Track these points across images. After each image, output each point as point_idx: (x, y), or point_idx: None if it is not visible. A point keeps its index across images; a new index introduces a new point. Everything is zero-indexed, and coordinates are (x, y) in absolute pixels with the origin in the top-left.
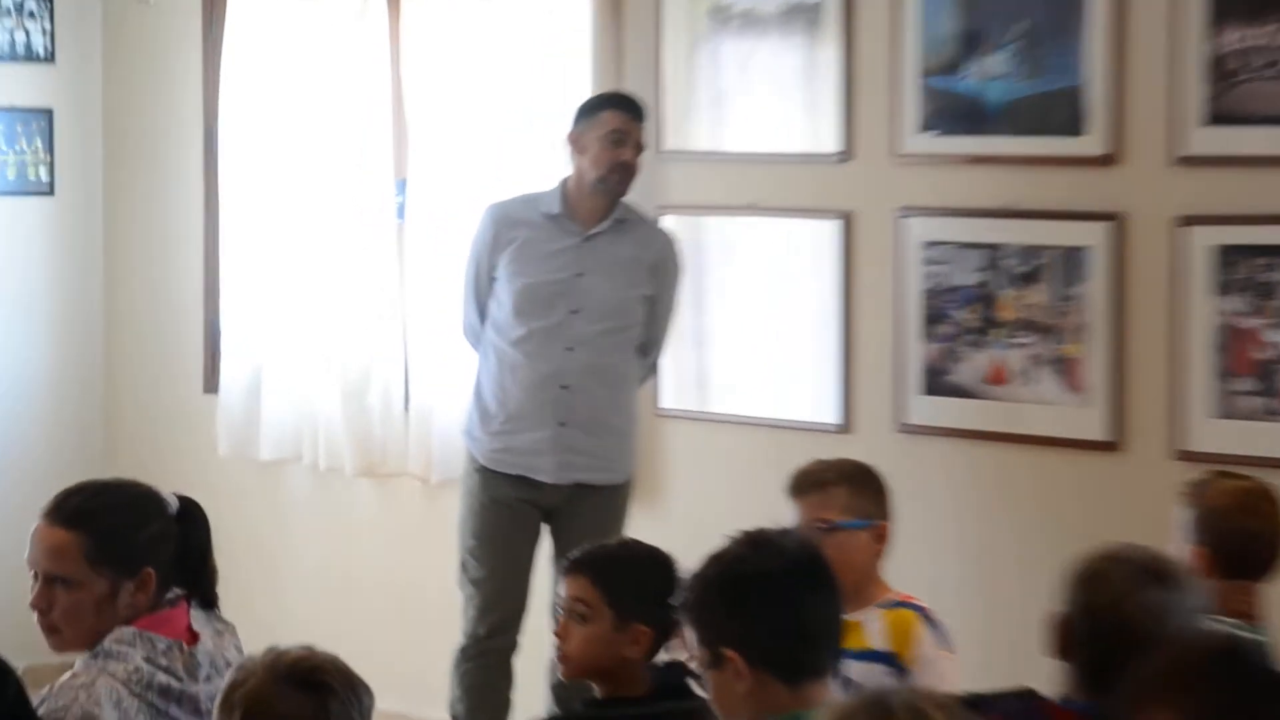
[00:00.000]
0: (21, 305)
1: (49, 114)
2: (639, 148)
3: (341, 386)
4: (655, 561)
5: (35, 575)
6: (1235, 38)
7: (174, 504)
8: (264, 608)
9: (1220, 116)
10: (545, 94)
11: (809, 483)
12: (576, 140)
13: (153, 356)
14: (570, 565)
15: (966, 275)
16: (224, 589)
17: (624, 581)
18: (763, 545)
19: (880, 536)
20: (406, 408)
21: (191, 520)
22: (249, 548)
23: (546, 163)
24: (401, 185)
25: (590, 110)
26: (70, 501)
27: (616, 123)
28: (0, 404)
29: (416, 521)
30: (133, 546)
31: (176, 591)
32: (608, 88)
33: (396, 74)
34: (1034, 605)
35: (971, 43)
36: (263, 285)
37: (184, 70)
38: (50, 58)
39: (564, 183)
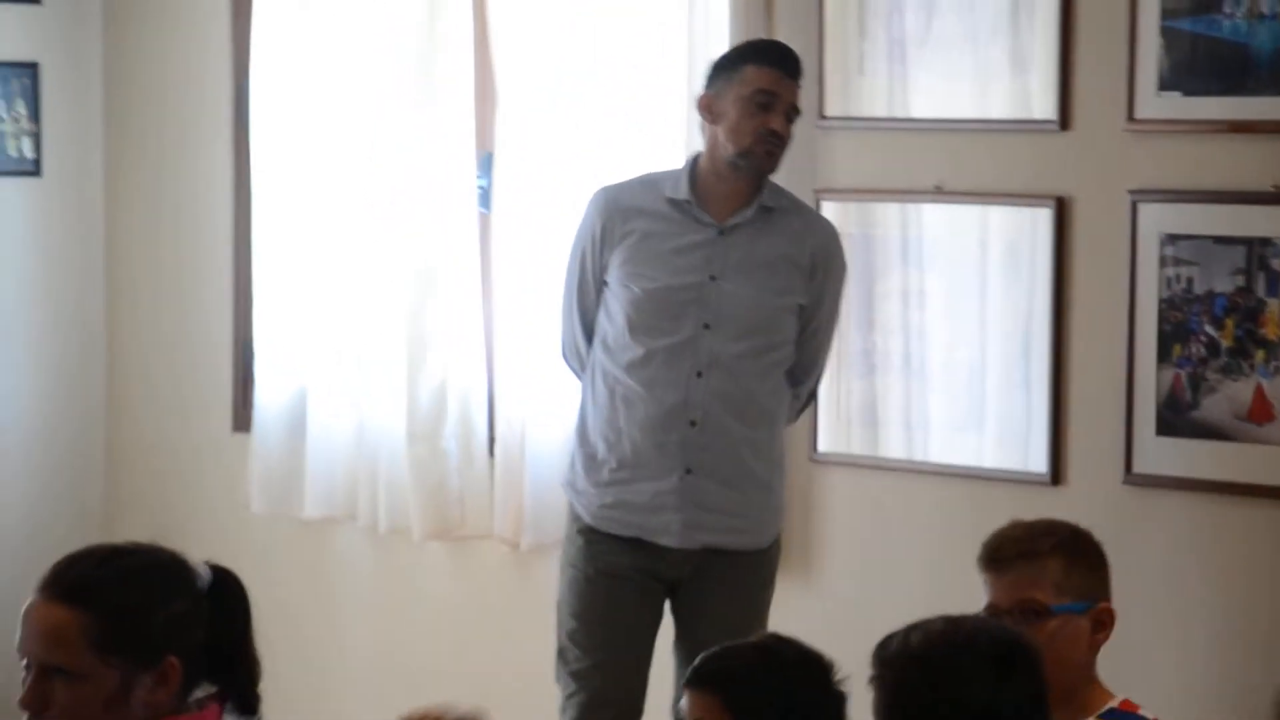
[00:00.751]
0: (2, 316)
1: (34, 69)
2: (793, 113)
3: (408, 424)
4: (809, 672)
5: (27, 665)
6: None
7: (205, 575)
8: (306, 706)
9: None
10: (672, 47)
11: (1013, 553)
12: (710, 105)
13: (168, 384)
14: (695, 676)
15: (1221, 279)
16: (262, 684)
17: (766, 704)
18: (953, 639)
19: (1102, 622)
20: (491, 452)
21: (227, 596)
22: (288, 629)
23: (672, 136)
24: (486, 163)
25: (728, 66)
26: (72, 572)
27: (763, 80)
28: None
29: (502, 597)
30: (151, 629)
31: (207, 688)
32: (749, 35)
33: (481, 19)
34: None
35: None
36: (308, 294)
37: (207, 13)
38: None
39: (694, 161)
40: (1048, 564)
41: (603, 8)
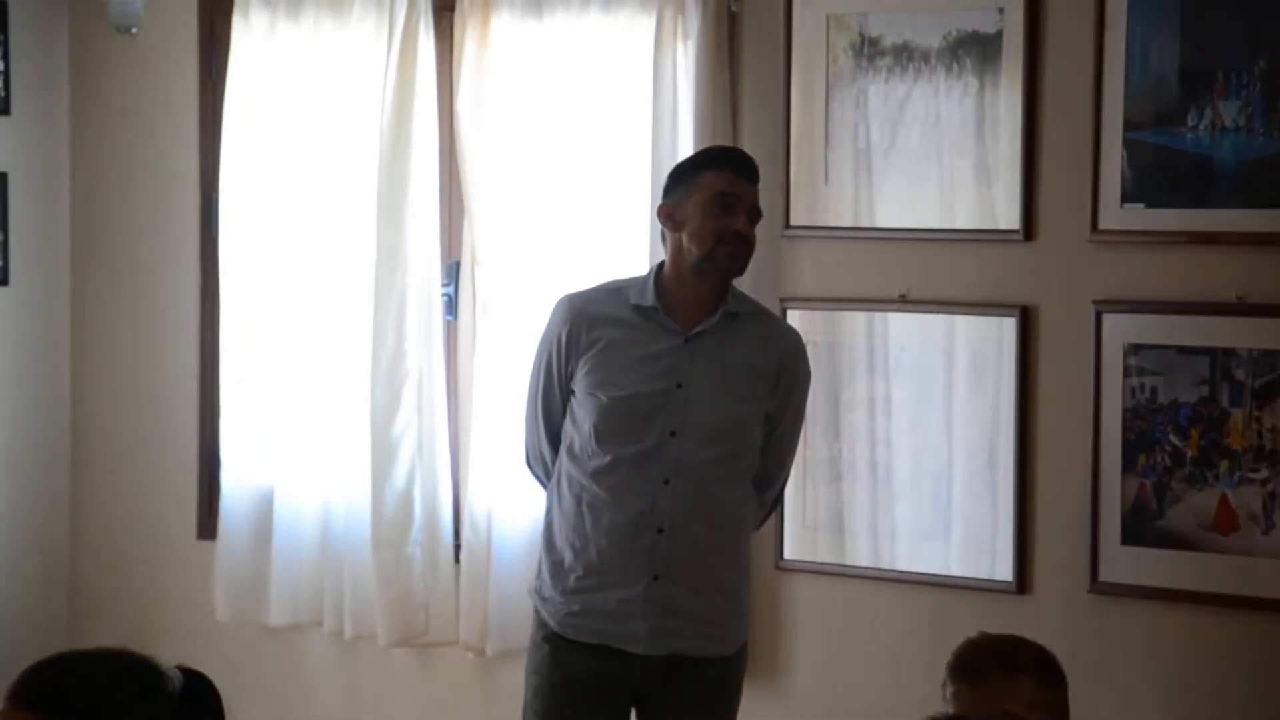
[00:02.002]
0: None
1: (2, 178)
2: (755, 215)
3: (373, 530)
4: None
5: None
6: None
7: (176, 679)
8: None
9: None
10: (638, 156)
11: (991, 666)
12: (672, 213)
13: (133, 490)
14: None
15: (1185, 389)
16: None
17: None
18: None
19: None
20: (456, 559)
21: (199, 701)
22: None
23: (638, 244)
24: (452, 270)
25: (687, 173)
26: (37, 678)
27: (723, 184)
28: None
29: (469, 704)
30: None
31: None
32: (714, 144)
33: (448, 128)
34: None
35: (1195, 86)
36: (273, 400)
37: (175, 123)
38: (5, 108)
39: (658, 268)
40: (1024, 681)
41: (570, 117)
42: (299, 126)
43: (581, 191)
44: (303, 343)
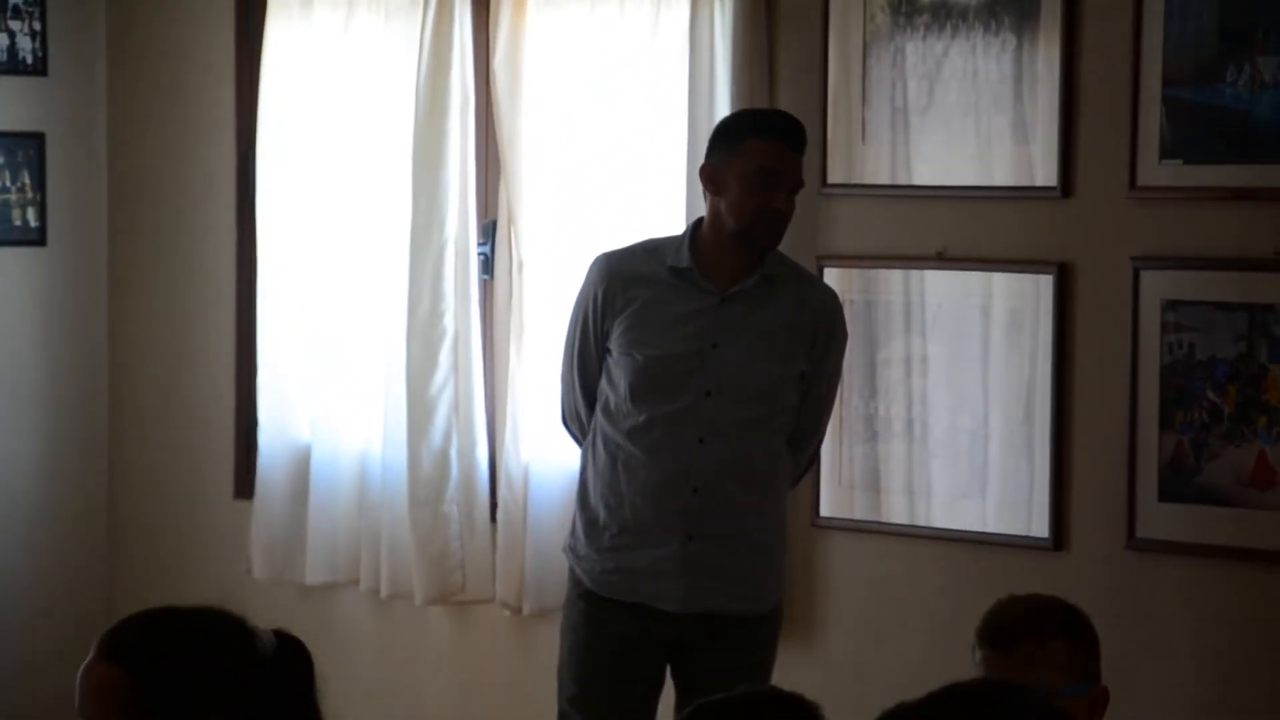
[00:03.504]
0: (5, 385)
1: (39, 140)
2: (796, 187)
3: (410, 489)
4: (798, 717)
5: None
6: None
7: (269, 643)
8: None
9: None
10: (675, 114)
11: (1019, 633)
12: (713, 176)
13: (170, 451)
14: None
15: (1223, 345)
16: None
17: None
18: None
19: (1098, 703)
20: (493, 517)
21: (291, 664)
22: None
23: (674, 202)
24: (489, 230)
25: (732, 137)
26: (120, 631)
27: (767, 156)
28: None
29: (504, 662)
30: (189, 690)
31: None
32: (753, 104)
33: (484, 88)
34: None
35: (1234, 42)
36: (312, 361)
37: (212, 83)
38: (41, 69)
39: (695, 227)
40: (1053, 646)
41: (606, 78)
42: (335, 85)
43: (618, 151)
44: (339, 302)
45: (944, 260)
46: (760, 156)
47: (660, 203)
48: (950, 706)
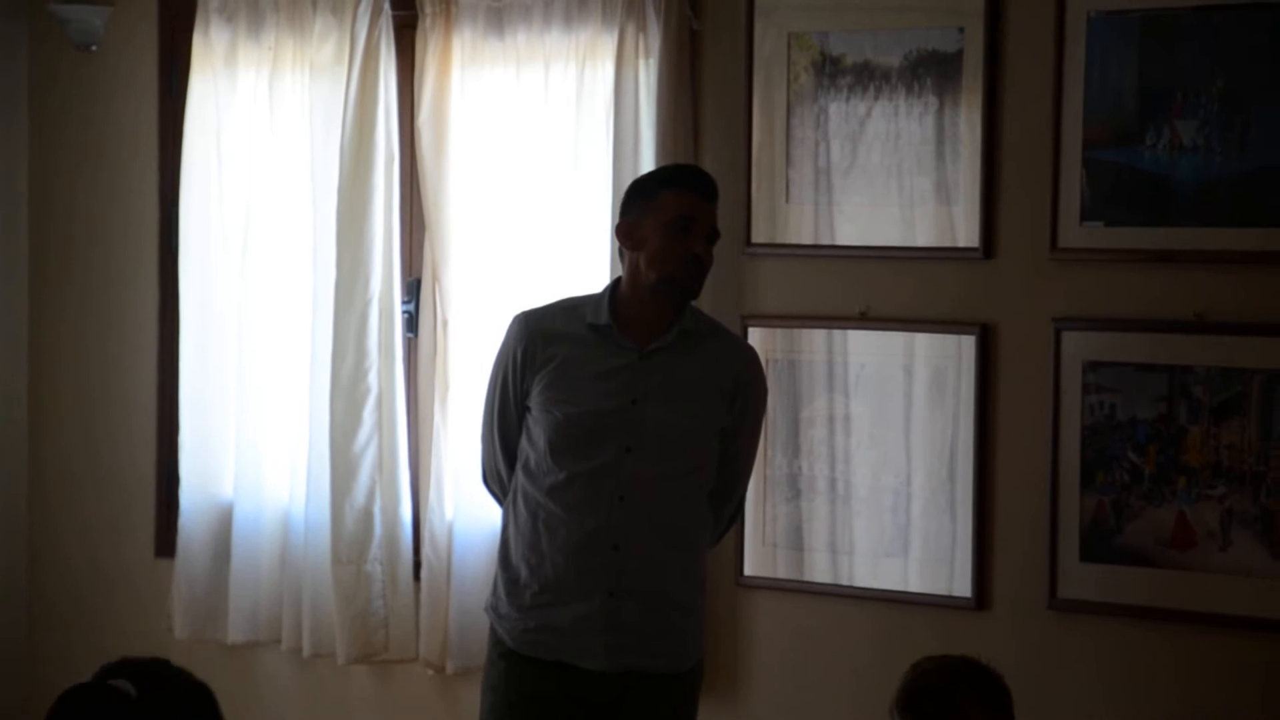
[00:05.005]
0: None
1: None
2: (713, 236)
3: (332, 548)
4: None
5: None
6: None
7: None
8: None
9: None
10: (598, 174)
11: (935, 705)
12: (630, 232)
13: (91, 509)
14: None
15: (1143, 406)
16: None
17: None
18: None
19: None
20: (416, 576)
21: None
22: None
23: (596, 262)
24: (413, 288)
25: (645, 192)
26: None
27: (682, 206)
28: None
29: None
30: None
31: None
32: (675, 162)
33: (409, 147)
34: None
35: (1153, 106)
36: (235, 418)
37: (135, 140)
38: None
39: (614, 286)
40: (969, 714)
41: (531, 135)
42: (260, 143)
43: (542, 209)
44: (263, 359)
45: (867, 320)
46: (676, 206)
47: (584, 262)
48: None
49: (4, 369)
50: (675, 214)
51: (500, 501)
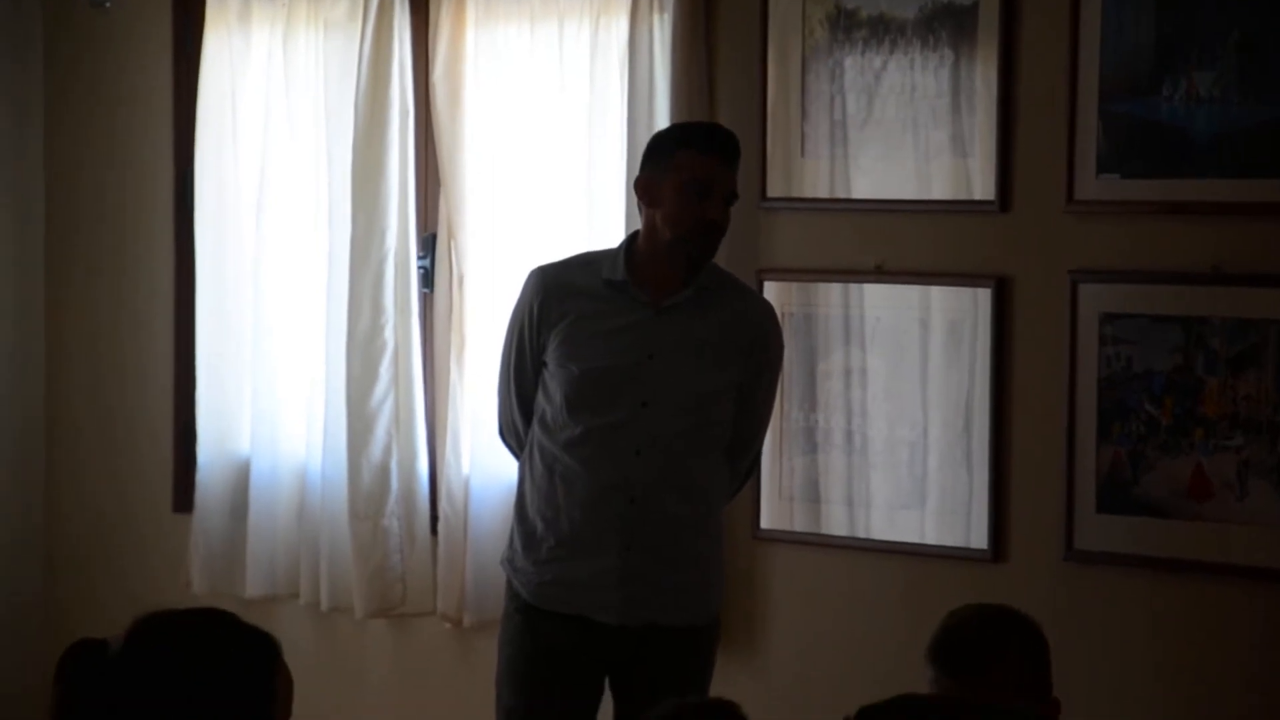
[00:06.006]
0: None
1: None
2: (730, 199)
3: (350, 503)
4: None
5: None
6: None
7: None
8: None
9: None
10: (613, 128)
11: (974, 656)
12: (647, 188)
13: (108, 465)
14: None
15: (1160, 358)
16: None
17: None
18: None
19: (1050, 717)
20: (434, 530)
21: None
22: None
23: (612, 216)
24: (429, 243)
25: (665, 150)
26: None
27: (700, 168)
28: None
29: (445, 674)
30: None
31: None
32: (692, 118)
33: (424, 102)
34: None
35: (1170, 57)
36: (250, 374)
37: (150, 97)
38: None
39: (631, 240)
40: (1009, 666)
41: (544, 88)
42: (275, 100)
43: (557, 164)
44: (279, 315)
45: (883, 274)
46: (693, 168)
47: (599, 216)
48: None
49: (22, 328)
50: (691, 176)
51: (517, 456)
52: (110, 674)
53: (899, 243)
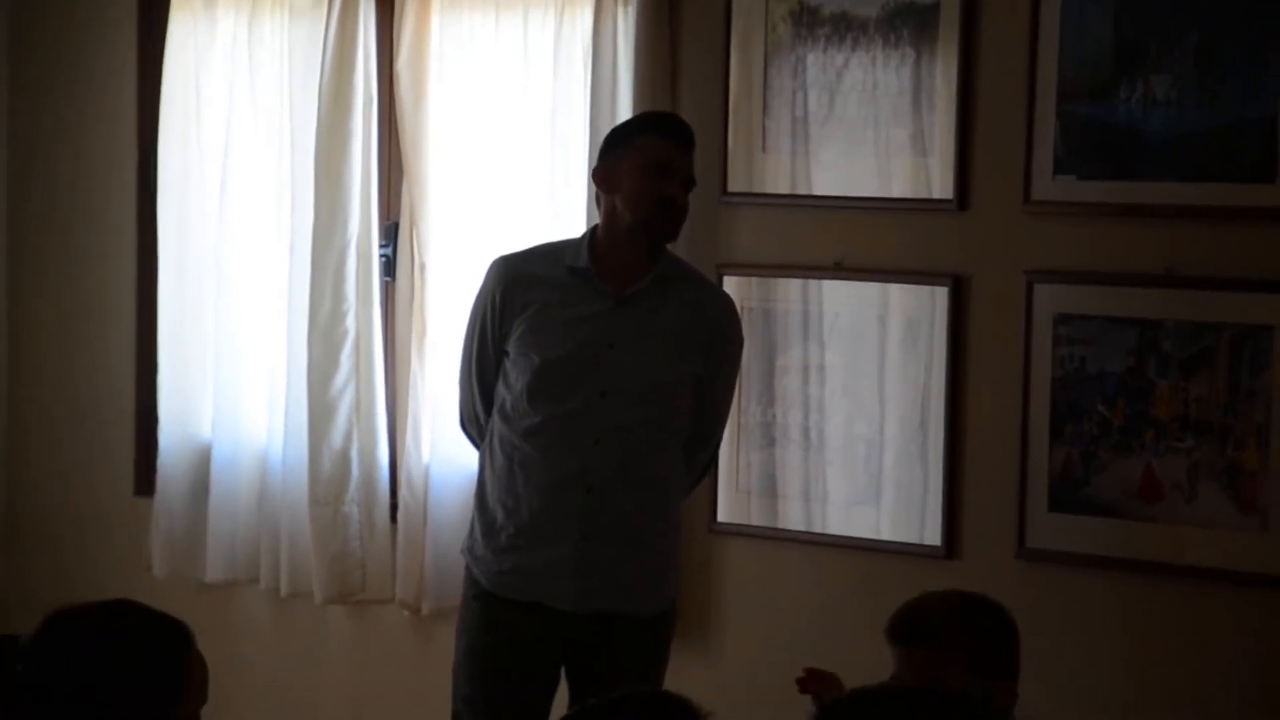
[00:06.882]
0: None
1: None
2: (689, 183)
3: (310, 489)
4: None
5: None
6: None
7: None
8: None
9: None
10: (576, 119)
11: (920, 631)
12: (606, 176)
13: (70, 448)
14: None
15: (1113, 359)
16: None
17: None
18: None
19: (1004, 703)
20: (393, 517)
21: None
22: None
23: (574, 206)
24: (391, 232)
25: (623, 137)
26: None
27: (658, 150)
28: None
29: (402, 661)
30: None
31: None
32: (653, 109)
33: (387, 91)
34: None
35: (1128, 59)
36: (212, 358)
37: (113, 81)
38: None
39: (592, 231)
40: (960, 645)
41: (508, 79)
42: (239, 85)
43: (520, 154)
44: (241, 300)
45: (842, 270)
46: (653, 150)
47: (562, 206)
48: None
49: None
50: (651, 157)
51: (477, 445)
52: (22, 666)
53: (858, 240)
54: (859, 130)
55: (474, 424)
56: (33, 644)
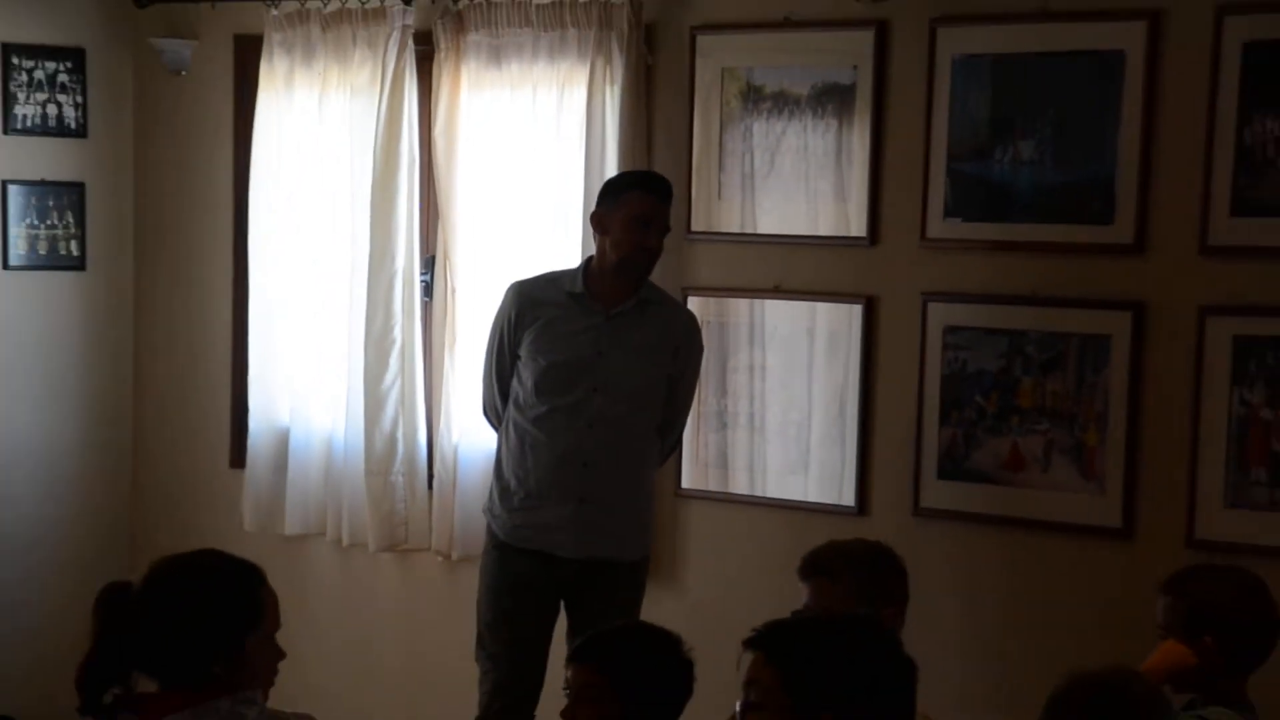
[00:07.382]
0: (52, 380)
1: (80, 188)
2: (664, 231)
3: (366, 462)
4: (662, 645)
5: None
6: (1266, 128)
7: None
8: (286, 679)
9: (1248, 207)
10: (573, 172)
11: (819, 567)
12: (600, 220)
13: (181, 431)
14: (576, 651)
15: (989, 361)
16: None
17: (630, 667)
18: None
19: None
20: (430, 485)
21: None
22: None
23: (572, 241)
24: (429, 263)
25: (616, 191)
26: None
27: (642, 206)
28: (28, 478)
29: (437, 596)
30: None
31: None
32: (634, 166)
33: (427, 149)
34: (1041, 688)
35: (1001, 129)
36: (290, 360)
37: (215, 144)
38: (82, 132)
39: (587, 262)
40: (845, 578)
41: (520, 142)
42: (312, 147)
43: (529, 201)
44: (312, 317)
45: (779, 292)
46: (636, 206)
47: (561, 243)
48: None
49: (115, 325)
50: (636, 212)
51: (496, 429)
52: (134, 606)
53: (792, 268)
54: (793, 182)
55: (493, 412)
56: (141, 586)
